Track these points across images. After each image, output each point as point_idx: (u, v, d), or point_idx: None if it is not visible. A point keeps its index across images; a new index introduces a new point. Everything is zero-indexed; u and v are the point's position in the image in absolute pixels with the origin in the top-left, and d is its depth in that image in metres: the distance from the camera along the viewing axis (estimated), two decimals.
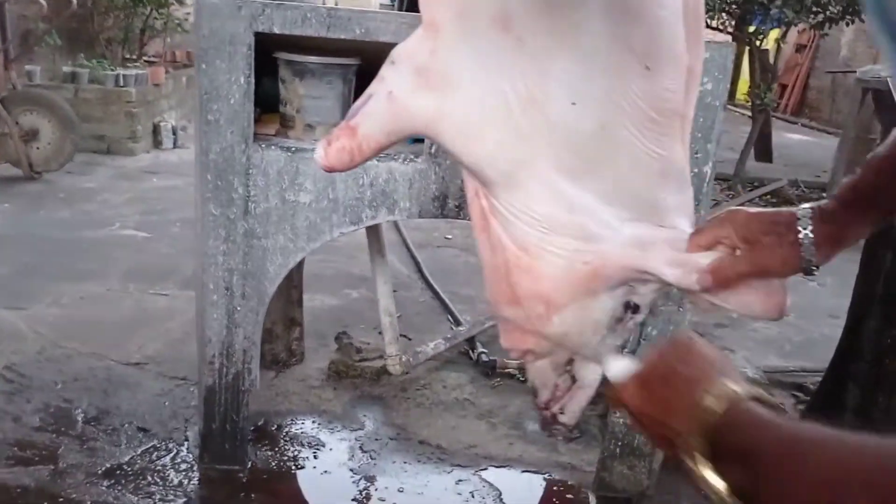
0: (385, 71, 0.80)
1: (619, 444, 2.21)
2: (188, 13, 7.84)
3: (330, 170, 0.81)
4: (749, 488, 0.60)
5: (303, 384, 2.73)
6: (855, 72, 6.98)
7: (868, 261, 2.38)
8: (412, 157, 2.03)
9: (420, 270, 3.95)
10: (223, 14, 1.92)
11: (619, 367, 0.78)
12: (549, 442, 2.46)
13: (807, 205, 0.80)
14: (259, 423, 2.44)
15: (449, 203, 2.07)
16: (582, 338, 0.83)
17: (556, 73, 0.73)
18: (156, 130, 6.65)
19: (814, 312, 3.68)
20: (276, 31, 1.93)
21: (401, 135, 0.81)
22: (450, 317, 3.39)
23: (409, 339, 3.05)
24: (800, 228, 0.77)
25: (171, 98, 7.14)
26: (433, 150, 2.02)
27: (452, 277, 3.88)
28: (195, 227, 2.12)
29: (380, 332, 2.86)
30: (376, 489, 2.20)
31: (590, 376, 0.90)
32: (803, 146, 9.81)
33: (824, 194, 2.10)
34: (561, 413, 0.91)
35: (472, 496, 2.19)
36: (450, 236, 4.58)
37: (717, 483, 0.61)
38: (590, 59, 0.72)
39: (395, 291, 2.78)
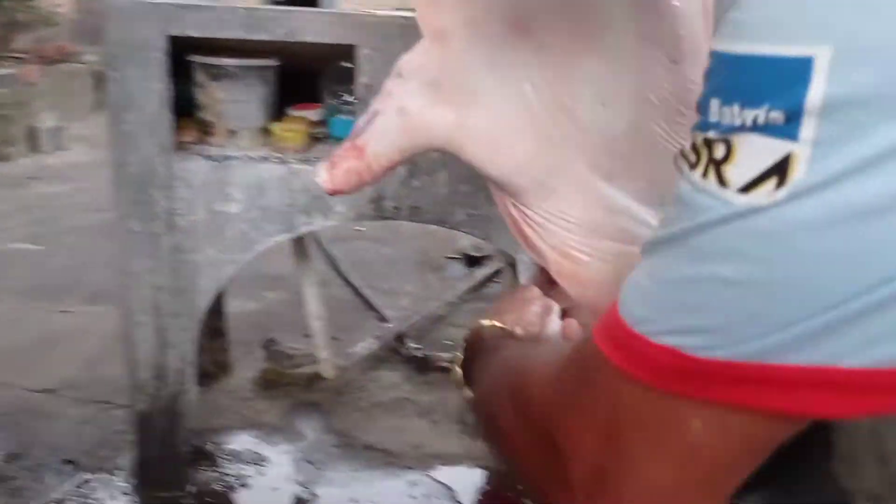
0: (392, 86, 0.75)
1: None
2: (58, 4, 7.40)
3: (335, 193, 0.76)
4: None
5: (235, 397, 2.63)
6: None
7: None
8: None
9: (336, 267, 3.87)
10: (133, 17, 1.80)
11: None
12: None
13: None
14: (196, 444, 2.33)
15: (385, 204, 2.01)
16: None
17: (582, 75, 0.70)
18: (33, 133, 6.24)
19: None
20: (192, 34, 1.82)
21: (416, 150, 0.76)
22: (376, 313, 3.34)
23: (338, 340, 2.98)
24: None
25: (47, 97, 6.72)
26: None
27: (369, 271, 3.82)
28: (115, 244, 1.99)
29: (305, 335, 2.80)
30: (329, 502, 2.15)
31: None
32: None
33: None
34: None
35: (428, 499, 2.17)
36: (361, 228, 4.50)
37: (458, 374, 0.80)
38: (617, 57, 0.69)
39: None
